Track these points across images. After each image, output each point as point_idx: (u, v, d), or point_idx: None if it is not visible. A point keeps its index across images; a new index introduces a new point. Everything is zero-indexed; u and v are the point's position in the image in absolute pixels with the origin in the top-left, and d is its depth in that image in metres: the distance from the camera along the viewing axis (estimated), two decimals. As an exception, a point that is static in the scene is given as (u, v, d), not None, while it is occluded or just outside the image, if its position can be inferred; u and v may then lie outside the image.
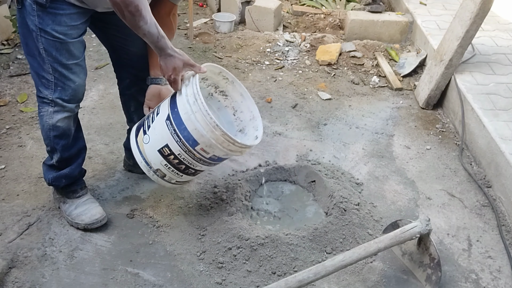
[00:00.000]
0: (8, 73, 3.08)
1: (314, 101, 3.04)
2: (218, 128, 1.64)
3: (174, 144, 1.71)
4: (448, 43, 2.86)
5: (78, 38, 1.73)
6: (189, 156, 1.72)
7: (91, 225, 1.95)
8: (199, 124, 1.64)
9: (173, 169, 1.79)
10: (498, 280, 1.87)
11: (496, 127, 2.42)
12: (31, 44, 1.72)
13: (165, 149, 1.73)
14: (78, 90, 1.82)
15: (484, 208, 2.23)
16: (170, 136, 1.70)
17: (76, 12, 1.68)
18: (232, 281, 1.79)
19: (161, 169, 1.80)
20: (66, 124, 1.86)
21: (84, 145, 2.02)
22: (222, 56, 3.52)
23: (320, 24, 4.06)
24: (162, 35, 1.62)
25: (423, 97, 3.00)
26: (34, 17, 1.65)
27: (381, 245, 1.70)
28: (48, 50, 1.69)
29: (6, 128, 2.57)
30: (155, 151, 1.76)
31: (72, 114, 1.87)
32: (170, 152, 1.73)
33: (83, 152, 2.02)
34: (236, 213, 2.00)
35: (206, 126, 1.64)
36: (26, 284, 1.74)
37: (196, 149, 1.70)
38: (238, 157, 2.46)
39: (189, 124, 1.65)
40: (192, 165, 1.77)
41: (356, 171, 2.43)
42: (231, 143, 1.69)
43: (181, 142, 1.69)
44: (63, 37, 1.68)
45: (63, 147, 1.90)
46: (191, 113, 1.64)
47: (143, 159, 1.80)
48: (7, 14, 3.36)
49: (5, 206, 2.07)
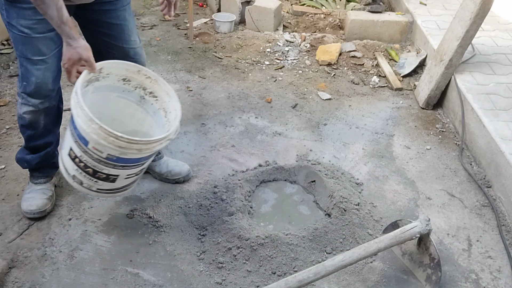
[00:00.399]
0: (8, 73, 3.08)
1: (314, 101, 3.05)
2: (94, 121, 1.55)
3: (74, 145, 1.66)
4: (448, 43, 2.86)
5: (46, 34, 1.70)
6: (88, 157, 1.66)
7: (25, 214, 2.00)
8: (80, 120, 1.58)
9: (84, 173, 1.71)
10: (498, 280, 1.87)
11: (496, 127, 2.42)
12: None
13: (71, 152, 1.69)
14: (41, 87, 1.80)
15: (484, 208, 2.23)
16: (71, 137, 1.67)
17: None
18: (232, 281, 1.79)
19: (76, 175, 1.73)
20: (32, 117, 1.88)
21: (53, 140, 2.04)
22: (222, 56, 3.52)
23: (320, 24, 4.06)
24: (63, 21, 1.55)
25: (423, 97, 3.01)
26: (3, 10, 1.66)
27: (381, 245, 1.70)
28: (15, 43, 1.70)
29: (6, 128, 2.57)
30: (66, 155, 1.73)
31: (38, 109, 1.87)
32: (75, 155, 1.68)
33: (51, 146, 2.04)
34: (236, 213, 2.00)
35: (85, 121, 1.57)
36: (26, 284, 1.74)
37: (89, 147, 1.63)
38: (238, 157, 2.46)
39: (77, 121, 1.60)
40: (97, 167, 1.68)
41: (356, 171, 2.43)
42: (114, 138, 1.58)
43: (77, 143, 1.64)
44: (27, 31, 1.66)
45: (28, 137, 1.97)
46: (73, 108, 1.60)
47: (63, 165, 1.77)
48: (7, 14, 3.36)
49: (5, 206, 2.07)
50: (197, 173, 2.32)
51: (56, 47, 1.76)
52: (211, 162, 2.41)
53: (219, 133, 2.65)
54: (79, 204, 2.11)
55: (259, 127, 2.74)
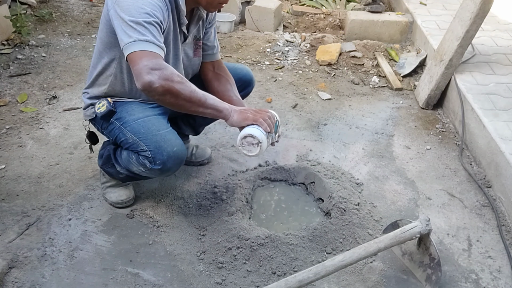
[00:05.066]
0: (8, 73, 3.08)
1: (314, 101, 3.04)
2: None
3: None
4: (448, 43, 2.86)
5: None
6: None
7: (116, 205, 2.10)
8: None
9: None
10: (498, 280, 1.87)
11: (496, 127, 2.42)
12: None
13: None
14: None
15: (484, 208, 2.23)
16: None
17: None
18: (232, 281, 1.79)
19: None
20: None
21: None
22: (222, 56, 3.52)
23: (320, 24, 4.06)
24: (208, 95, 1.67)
25: (423, 97, 3.00)
26: None
27: (381, 245, 1.70)
28: None
29: (6, 128, 2.57)
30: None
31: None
32: None
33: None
34: (236, 213, 2.00)
35: None
36: (26, 284, 1.74)
37: None
38: (238, 157, 2.46)
39: None
40: None
41: (356, 171, 2.43)
42: None
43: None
44: None
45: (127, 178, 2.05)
46: None
47: None
48: (7, 14, 3.36)
49: (5, 206, 2.07)
50: (197, 173, 2.32)
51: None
52: (211, 162, 2.41)
53: (219, 133, 2.65)
54: (79, 204, 2.11)
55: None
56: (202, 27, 1.93)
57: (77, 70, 3.18)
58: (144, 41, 1.50)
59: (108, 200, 2.10)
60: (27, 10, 3.77)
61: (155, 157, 1.74)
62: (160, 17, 1.57)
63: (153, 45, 1.51)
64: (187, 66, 1.95)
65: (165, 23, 1.64)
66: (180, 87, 1.54)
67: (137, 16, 1.52)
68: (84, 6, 4.12)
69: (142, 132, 1.75)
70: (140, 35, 1.50)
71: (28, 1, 3.83)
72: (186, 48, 1.89)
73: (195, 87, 1.61)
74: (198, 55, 1.97)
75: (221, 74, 2.00)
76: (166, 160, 1.74)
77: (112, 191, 2.10)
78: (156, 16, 1.55)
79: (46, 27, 3.71)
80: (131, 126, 1.78)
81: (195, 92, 1.58)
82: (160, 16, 1.58)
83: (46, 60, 3.27)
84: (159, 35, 1.56)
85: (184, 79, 1.58)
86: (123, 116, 1.80)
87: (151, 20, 1.54)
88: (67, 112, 2.76)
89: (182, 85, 1.54)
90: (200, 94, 1.61)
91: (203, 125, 2.27)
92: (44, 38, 3.55)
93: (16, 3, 3.59)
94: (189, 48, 1.91)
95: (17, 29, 3.36)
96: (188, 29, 1.83)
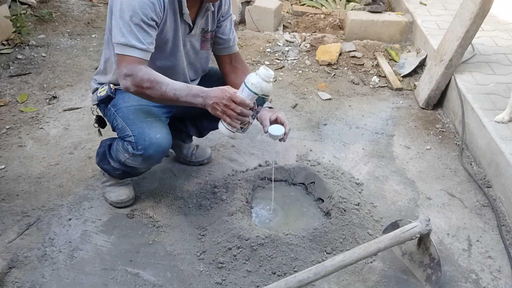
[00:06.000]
0: (8, 73, 3.08)
1: (314, 101, 3.04)
2: None
3: None
4: (448, 43, 2.86)
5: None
6: None
7: (116, 204, 2.09)
8: None
9: None
10: (498, 280, 1.87)
11: (496, 127, 2.42)
12: None
13: None
14: None
15: (484, 208, 2.23)
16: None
17: None
18: (232, 281, 1.79)
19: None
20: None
21: None
22: (222, 56, 3.52)
23: (320, 24, 4.06)
24: (187, 83, 1.72)
25: (423, 97, 3.00)
26: None
27: (381, 245, 1.70)
28: None
29: (6, 128, 2.57)
30: None
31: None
32: None
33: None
34: (236, 213, 2.00)
35: None
36: (26, 284, 1.74)
37: None
38: (238, 157, 2.46)
39: None
40: None
41: (356, 171, 2.43)
42: None
43: None
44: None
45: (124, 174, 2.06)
46: None
47: None
48: (7, 14, 3.36)
49: (5, 206, 2.07)
50: (197, 173, 2.32)
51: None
52: (211, 162, 2.41)
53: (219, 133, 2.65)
54: (79, 204, 2.11)
55: (259, 127, 2.70)
56: (212, 20, 1.91)
57: (77, 70, 3.18)
58: (126, 46, 1.63)
59: (108, 199, 2.10)
60: (27, 10, 3.77)
61: (137, 142, 1.76)
62: (150, 14, 1.63)
63: (133, 50, 1.64)
64: (194, 58, 1.96)
65: (159, 18, 1.68)
66: (150, 91, 1.66)
67: (126, 14, 1.61)
68: (84, 6, 4.12)
69: (131, 118, 1.79)
70: (124, 38, 1.63)
71: (28, 1, 3.83)
72: (193, 40, 1.89)
73: (168, 86, 1.66)
74: (206, 48, 1.97)
75: (238, 67, 2.00)
76: (148, 146, 1.75)
77: (112, 190, 2.10)
78: (145, 15, 1.62)
79: (46, 27, 3.71)
80: (123, 112, 1.82)
81: (165, 94, 1.66)
82: (151, 13, 1.63)
83: (46, 60, 3.27)
84: (145, 34, 1.64)
85: (154, 81, 1.65)
86: (119, 102, 1.86)
87: (138, 20, 1.62)
88: (67, 112, 2.76)
89: (151, 90, 1.65)
90: (171, 94, 1.66)
91: (209, 129, 2.28)
92: (44, 38, 3.55)
93: (16, 3, 3.59)
94: (196, 41, 1.91)
95: (17, 29, 3.36)
96: (195, 20, 1.83)
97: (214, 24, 1.93)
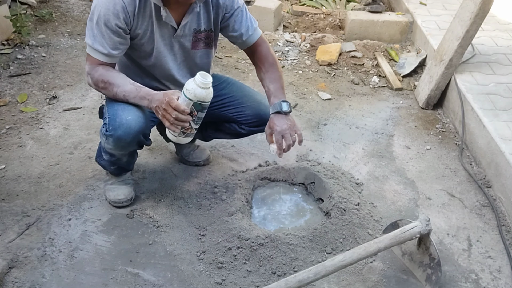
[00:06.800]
0: (8, 73, 3.08)
1: (314, 101, 3.04)
2: None
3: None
4: (448, 43, 2.86)
5: None
6: None
7: (114, 203, 2.10)
8: None
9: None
10: (498, 280, 1.87)
11: (496, 127, 2.42)
12: None
13: None
14: None
15: (484, 208, 2.23)
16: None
17: None
18: (232, 281, 1.79)
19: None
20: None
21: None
22: (222, 56, 3.52)
23: (320, 24, 4.06)
24: (139, 86, 1.77)
25: (423, 97, 3.00)
26: None
27: (381, 245, 1.70)
28: None
29: (6, 128, 2.57)
30: None
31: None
32: None
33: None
34: (236, 213, 2.00)
35: None
36: (26, 284, 1.74)
37: None
38: (238, 157, 2.46)
39: None
40: None
41: (356, 171, 2.43)
42: None
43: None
44: None
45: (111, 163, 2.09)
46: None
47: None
48: (7, 14, 3.36)
49: (5, 206, 2.07)
50: (197, 173, 2.32)
51: None
52: (211, 162, 2.41)
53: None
54: (79, 204, 2.11)
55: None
56: (207, 19, 1.88)
57: (77, 70, 3.18)
58: (91, 47, 1.77)
59: (107, 198, 2.11)
60: (27, 10, 3.76)
61: (109, 123, 1.80)
62: (114, 21, 1.70)
63: (96, 52, 1.76)
64: (186, 58, 1.96)
65: (127, 24, 1.74)
66: (104, 91, 1.79)
67: (94, 17, 1.73)
68: (84, 6, 4.12)
69: (114, 104, 1.82)
70: (90, 40, 1.76)
71: (28, 1, 3.83)
72: (182, 40, 1.89)
73: (118, 88, 1.75)
74: (199, 48, 1.95)
75: (257, 63, 2.00)
76: (118, 127, 1.77)
77: (111, 189, 2.11)
78: (108, 21, 1.70)
79: (46, 27, 3.71)
80: (111, 100, 1.85)
81: (116, 95, 1.77)
82: (115, 20, 1.70)
83: (46, 60, 3.27)
84: (108, 39, 1.73)
85: (108, 83, 1.75)
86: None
87: (102, 26, 1.71)
88: (67, 112, 2.76)
89: (105, 90, 1.78)
90: (121, 95, 1.76)
91: (213, 137, 2.30)
92: (44, 38, 3.55)
93: (16, 3, 3.58)
94: (187, 41, 1.90)
95: (17, 29, 3.36)
96: (180, 21, 1.83)
97: (210, 23, 1.90)
